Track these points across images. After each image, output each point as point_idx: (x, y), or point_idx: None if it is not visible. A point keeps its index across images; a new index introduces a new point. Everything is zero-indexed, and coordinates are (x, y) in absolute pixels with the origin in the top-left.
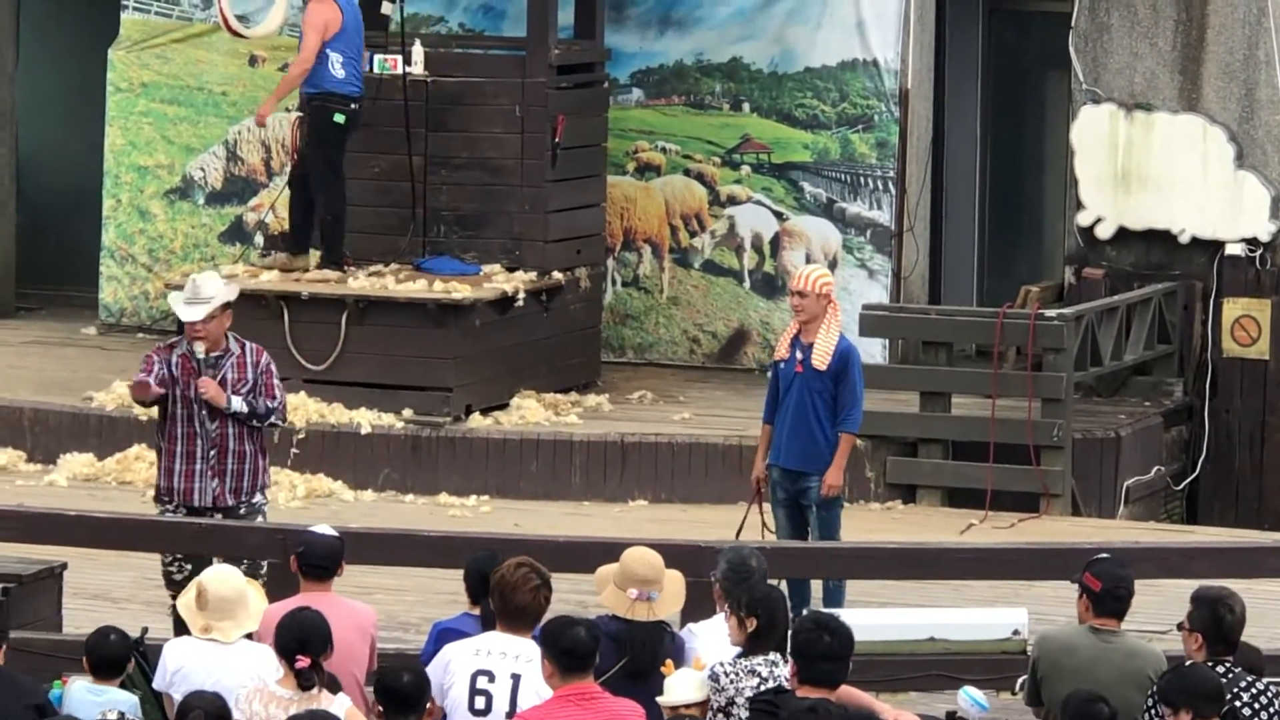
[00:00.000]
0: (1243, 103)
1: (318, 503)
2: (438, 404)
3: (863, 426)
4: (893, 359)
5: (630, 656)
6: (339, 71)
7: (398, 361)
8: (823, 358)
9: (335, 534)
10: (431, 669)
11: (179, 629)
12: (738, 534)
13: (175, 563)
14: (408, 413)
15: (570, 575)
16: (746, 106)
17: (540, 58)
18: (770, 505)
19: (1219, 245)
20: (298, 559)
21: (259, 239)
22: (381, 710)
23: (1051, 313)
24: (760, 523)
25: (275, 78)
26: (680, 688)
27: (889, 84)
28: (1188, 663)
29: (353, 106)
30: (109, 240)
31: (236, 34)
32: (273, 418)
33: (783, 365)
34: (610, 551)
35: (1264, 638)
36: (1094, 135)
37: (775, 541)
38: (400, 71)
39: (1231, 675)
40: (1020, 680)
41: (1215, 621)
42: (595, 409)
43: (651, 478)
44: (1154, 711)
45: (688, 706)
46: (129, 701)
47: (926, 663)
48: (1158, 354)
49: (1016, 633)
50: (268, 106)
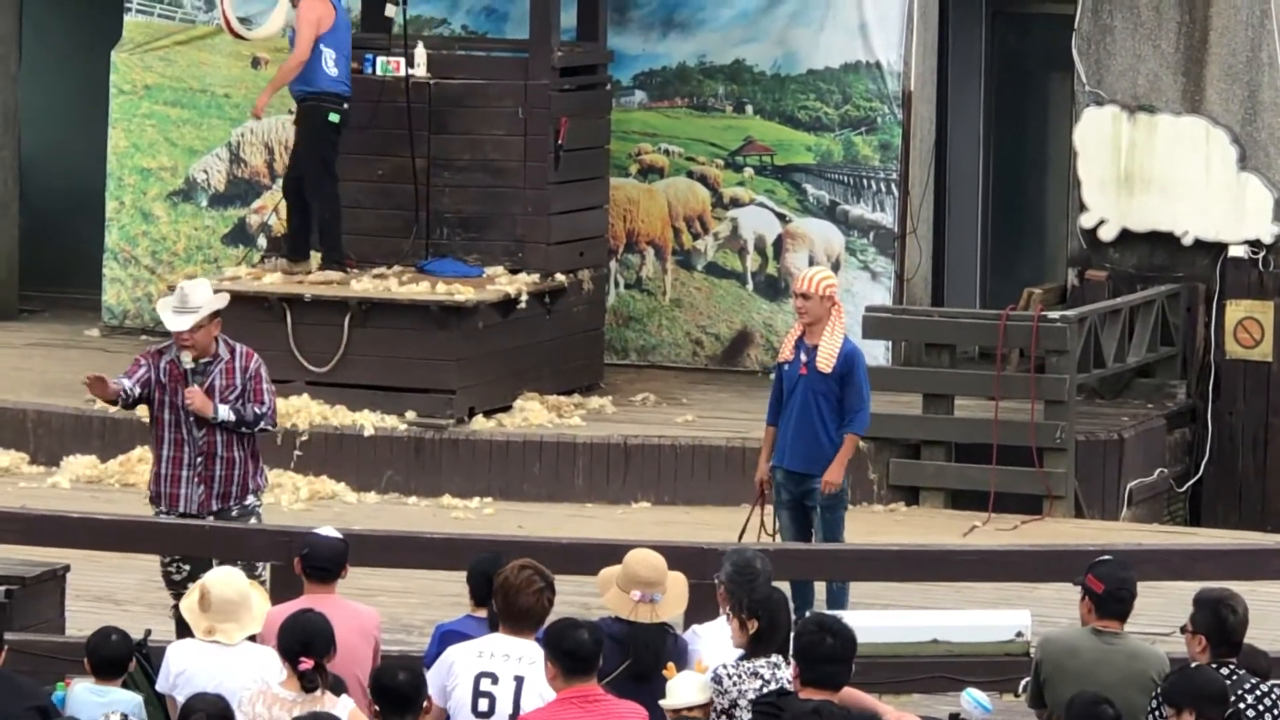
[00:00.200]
0: (1246, 105)
1: (321, 505)
2: (441, 406)
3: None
4: (895, 361)
5: (633, 659)
6: (332, 69)
7: (401, 364)
8: (827, 360)
9: (339, 536)
10: (435, 671)
11: (180, 630)
12: (740, 536)
13: (174, 563)
14: (411, 415)
15: (573, 577)
16: (749, 109)
17: (543, 60)
18: (774, 507)
19: (1222, 247)
20: (301, 561)
21: (262, 241)
22: (378, 709)
23: (1054, 315)
24: (762, 525)
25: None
26: (682, 690)
27: (892, 86)
28: (1193, 664)
29: (345, 106)
30: (112, 242)
31: (239, 36)
32: (261, 423)
33: (786, 367)
34: (613, 553)
35: (1267, 640)
36: (1097, 137)
37: (779, 543)
38: (403, 74)
39: (1236, 677)
40: (1023, 682)
41: (1218, 623)
42: (598, 411)
43: (654, 480)
44: (1158, 713)
45: (690, 709)
46: (132, 702)
47: (929, 664)
48: (1161, 356)
49: (1019, 635)
50: (264, 98)
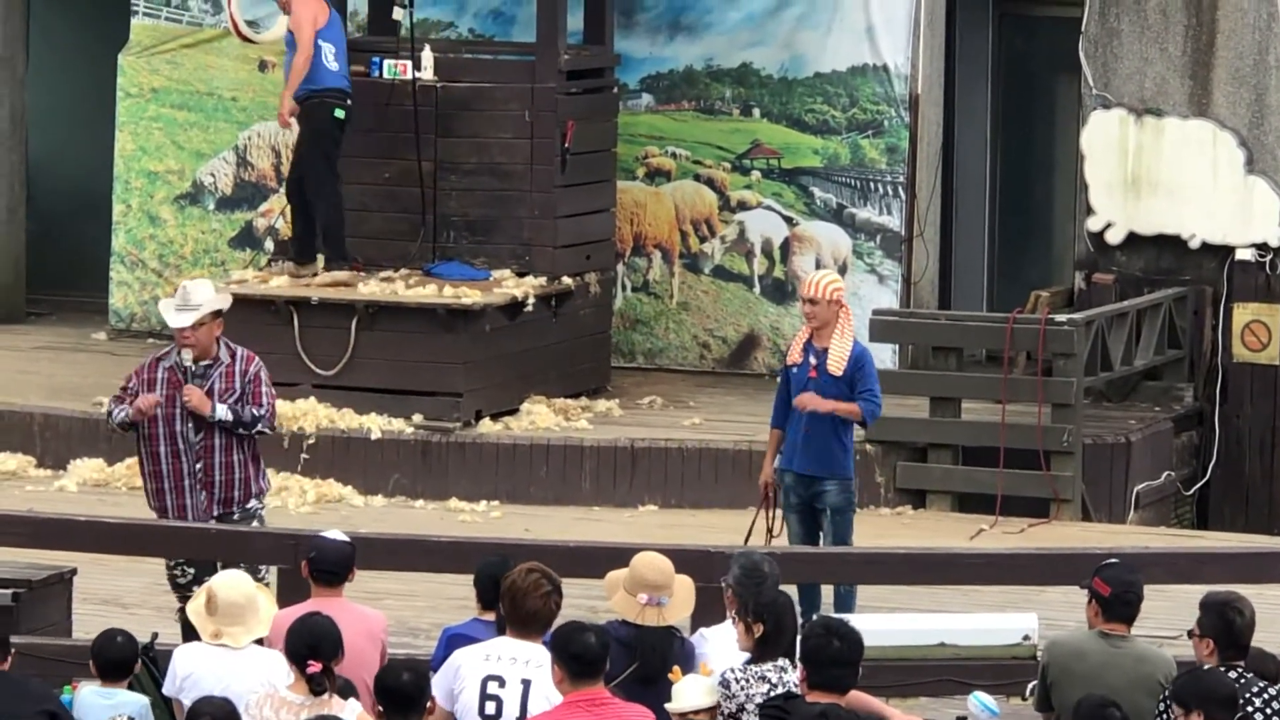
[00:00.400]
0: (1253, 108)
1: (328, 508)
2: (448, 409)
3: (872, 432)
4: (902, 364)
5: (640, 662)
6: (333, 64)
7: (408, 367)
8: (838, 363)
9: (346, 539)
10: (441, 674)
11: (186, 634)
12: (746, 540)
13: (179, 566)
14: (418, 418)
15: (580, 580)
16: (756, 112)
17: (550, 63)
18: (782, 510)
19: (1229, 250)
20: (309, 564)
21: (269, 244)
22: (381, 710)
23: (1062, 318)
24: (765, 528)
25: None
26: (689, 693)
27: (899, 89)
28: (1205, 666)
29: (349, 102)
30: (119, 245)
31: (246, 39)
32: (259, 425)
33: (795, 370)
34: (620, 557)
35: (1274, 643)
36: (1104, 140)
37: (786, 546)
38: (410, 77)
39: (1244, 681)
40: (1030, 685)
41: (1225, 626)
42: (605, 414)
43: (661, 483)
44: (1165, 717)
45: (696, 712)
46: (139, 704)
47: (937, 668)
48: (1168, 359)
49: (1026, 638)
50: (286, 103)
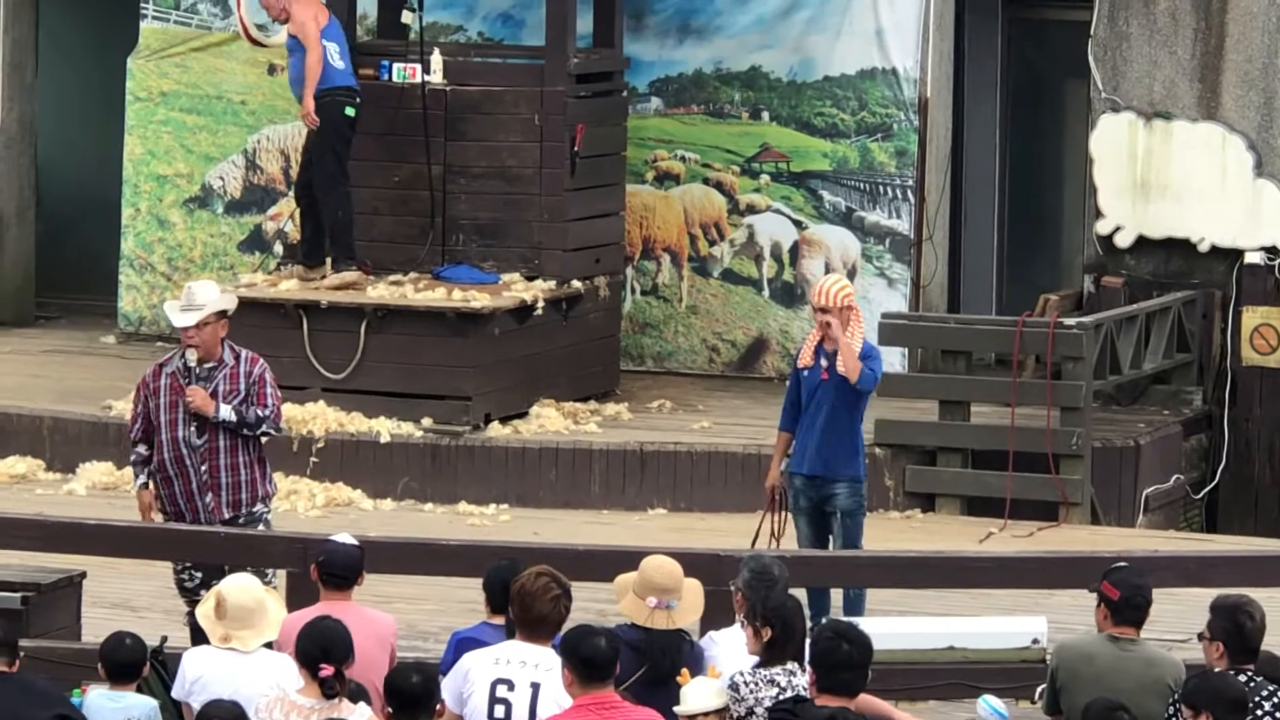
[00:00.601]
0: (1262, 111)
1: (337, 512)
2: (457, 413)
3: (881, 435)
4: (912, 368)
5: (649, 665)
6: (339, 63)
7: (417, 370)
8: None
9: (355, 543)
10: (451, 678)
11: (195, 637)
12: (753, 542)
13: (185, 570)
14: (427, 421)
15: (589, 584)
16: (765, 115)
17: (559, 66)
18: (792, 514)
19: (1238, 254)
20: (318, 568)
21: (278, 248)
22: (390, 711)
23: (1071, 321)
24: (771, 531)
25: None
26: (697, 696)
27: (908, 92)
28: (1215, 669)
29: (358, 100)
30: (128, 249)
31: (256, 42)
32: (264, 426)
33: (806, 373)
34: (629, 560)
35: None
36: (1113, 144)
37: (794, 550)
38: (419, 80)
39: (1254, 684)
40: (1039, 689)
41: (1236, 629)
42: (614, 418)
43: (670, 486)
44: (1175, 719)
45: (705, 715)
46: (147, 707)
47: (946, 671)
48: (1177, 362)
49: (1036, 641)
50: (308, 102)
